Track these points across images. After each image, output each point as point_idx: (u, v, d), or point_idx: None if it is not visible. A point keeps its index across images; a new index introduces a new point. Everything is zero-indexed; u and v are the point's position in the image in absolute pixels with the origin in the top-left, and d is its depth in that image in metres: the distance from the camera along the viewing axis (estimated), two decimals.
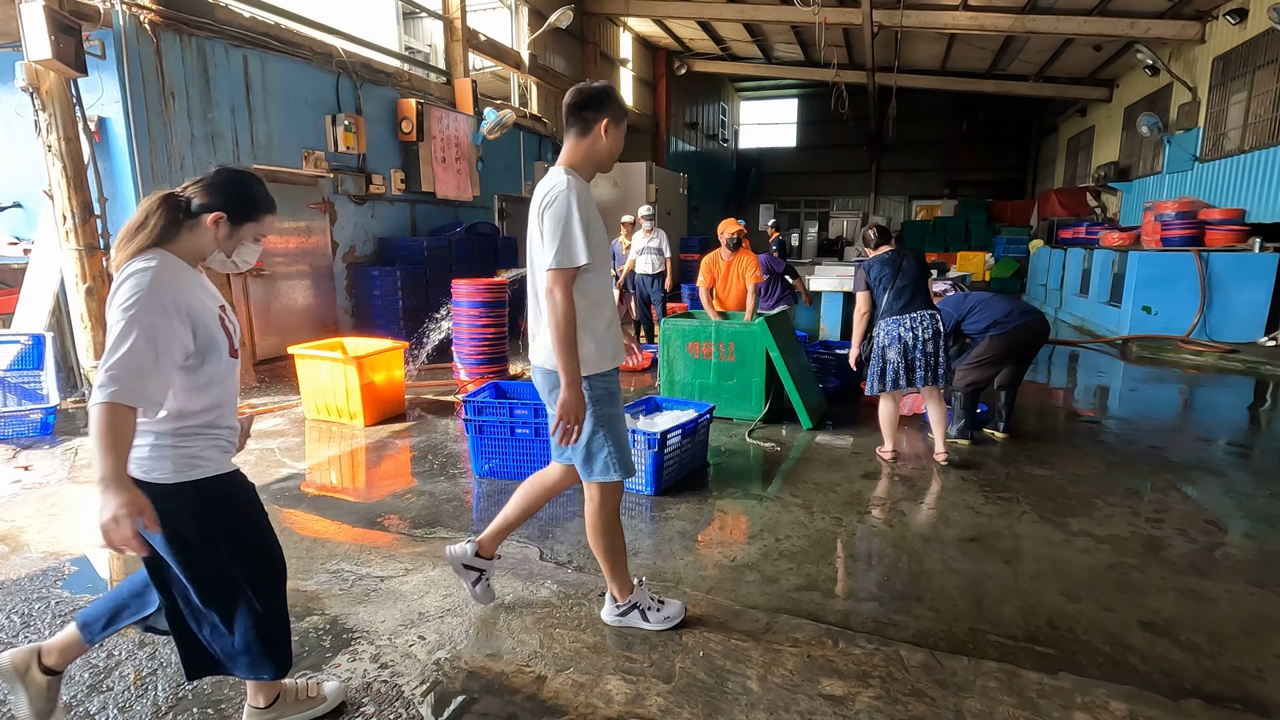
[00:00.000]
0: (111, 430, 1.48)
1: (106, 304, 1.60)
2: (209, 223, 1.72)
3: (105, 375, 1.50)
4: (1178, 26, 10.85)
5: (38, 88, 4.70)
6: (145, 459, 1.65)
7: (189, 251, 1.73)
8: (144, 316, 1.54)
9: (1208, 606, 2.71)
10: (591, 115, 2.23)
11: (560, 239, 2.11)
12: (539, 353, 2.32)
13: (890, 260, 4.23)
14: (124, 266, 1.61)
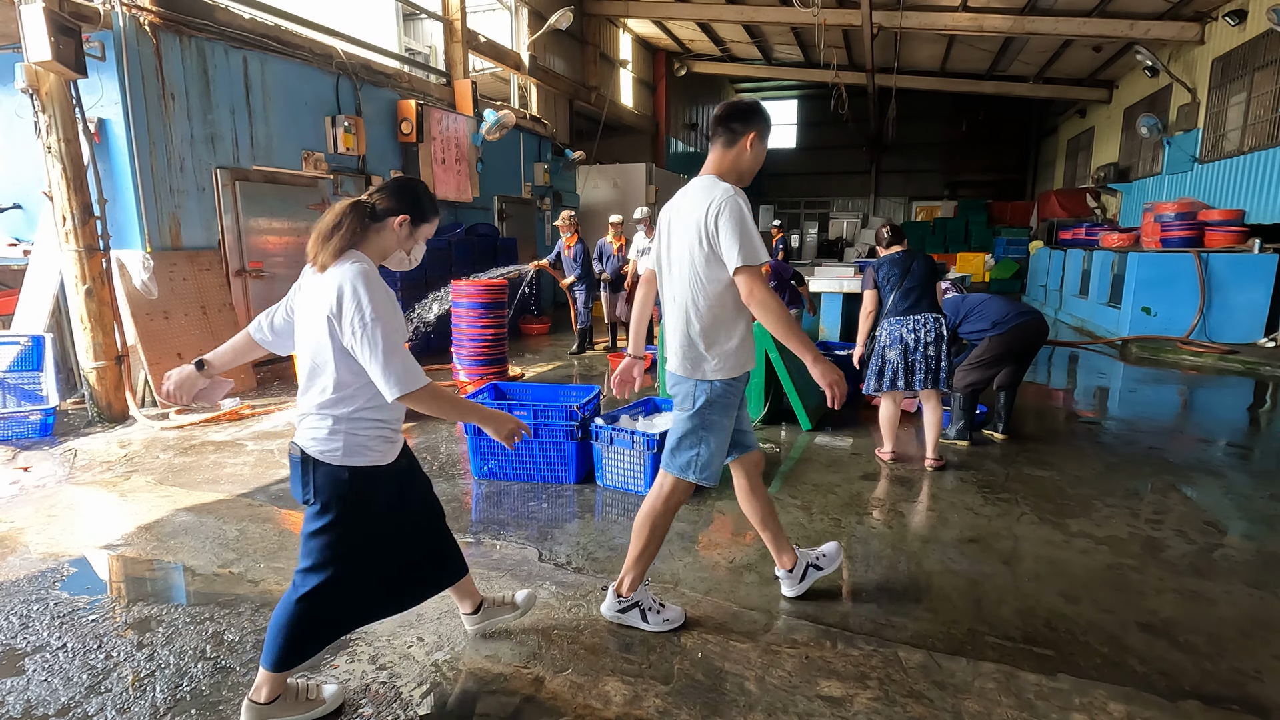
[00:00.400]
0: (442, 397, 1.87)
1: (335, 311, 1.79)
2: (395, 225, 1.94)
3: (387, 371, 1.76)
4: (1177, 28, 10.86)
5: (37, 89, 4.70)
6: (323, 438, 1.86)
7: (375, 251, 1.94)
8: (380, 311, 1.78)
9: (1206, 608, 2.71)
10: (739, 127, 2.32)
11: (741, 240, 2.17)
12: (676, 357, 2.36)
13: (900, 261, 4.22)
14: (335, 267, 1.82)
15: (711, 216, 2.20)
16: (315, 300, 1.85)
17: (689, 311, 2.29)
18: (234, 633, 2.49)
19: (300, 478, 1.88)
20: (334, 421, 1.84)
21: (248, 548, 3.18)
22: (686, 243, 2.28)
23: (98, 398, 5.15)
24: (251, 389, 6.12)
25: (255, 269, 6.63)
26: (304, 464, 1.86)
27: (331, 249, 1.83)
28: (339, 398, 1.84)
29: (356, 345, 1.77)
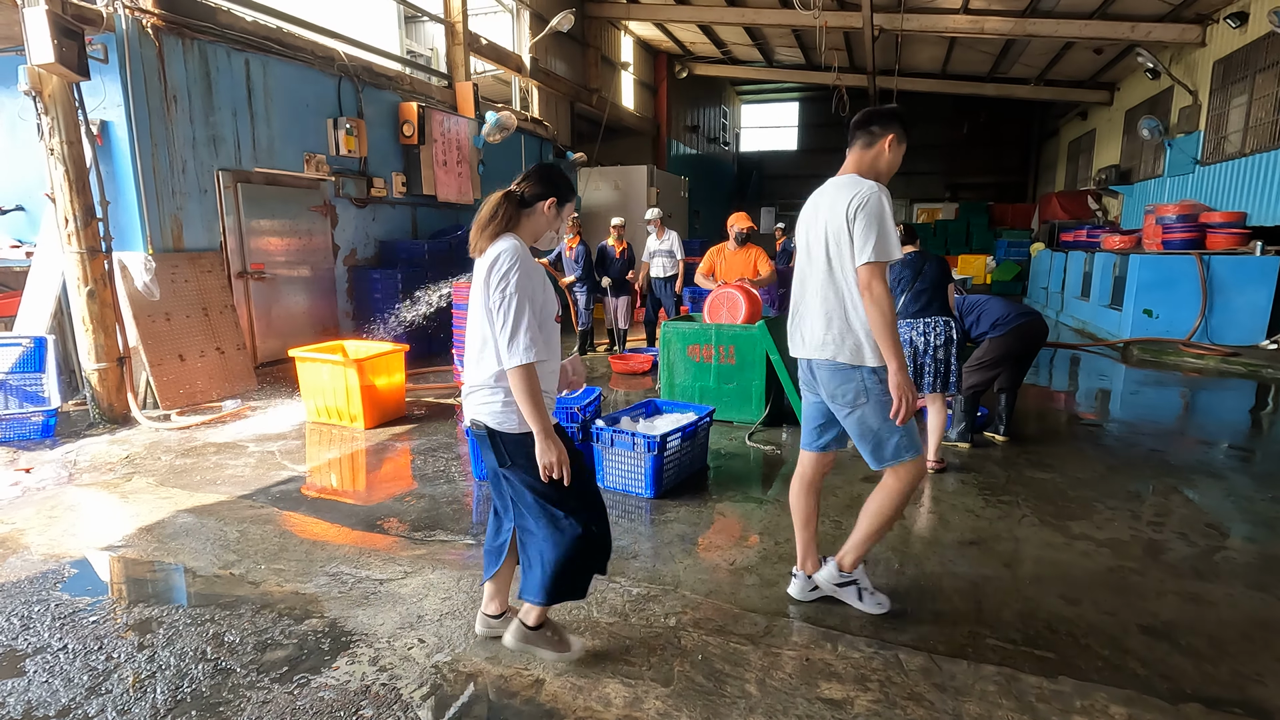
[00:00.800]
0: (531, 388, 1.97)
1: (484, 284, 2.01)
2: (544, 208, 2.14)
3: (512, 342, 1.95)
4: (1178, 30, 10.85)
5: (40, 91, 4.72)
6: (498, 412, 2.06)
7: (529, 234, 2.15)
8: (524, 283, 1.98)
9: (1208, 610, 2.70)
10: (879, 130, 2.44)
11: (877, 236, 2.28)
12: (828, 346, 2.43)
13: (912, 262, 4.19)
14: (490, 250, 2.04)
15: (853, 209, 2.32)
16: (476, 281, 2.08)
17: (845, 302, 2.39)
18: (234, 634, 2.49)
19: (493, 450, 2.11)
20: (505, 394, 2.05)
21: (248, 549, 3.18)
22: (834, 238, 2.38)
23: (99, 399, 5.16)
24: (253, 389, 6.13)
25: (257, 270, 6.64)
26: (491, 437, 2.09)
27: (489, 235, 2.06)
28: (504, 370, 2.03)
29: (494, 311, 1.99)
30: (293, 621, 2.57)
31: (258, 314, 6.71)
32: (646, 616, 2.61)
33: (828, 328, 2.43)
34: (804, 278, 2.54)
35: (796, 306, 2.57)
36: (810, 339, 2.50)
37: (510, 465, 2.11)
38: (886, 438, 2.42)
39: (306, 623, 2.57)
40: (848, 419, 2.48)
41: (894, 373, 2.32)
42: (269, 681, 2.23)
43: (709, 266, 5.99)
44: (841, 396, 2.45)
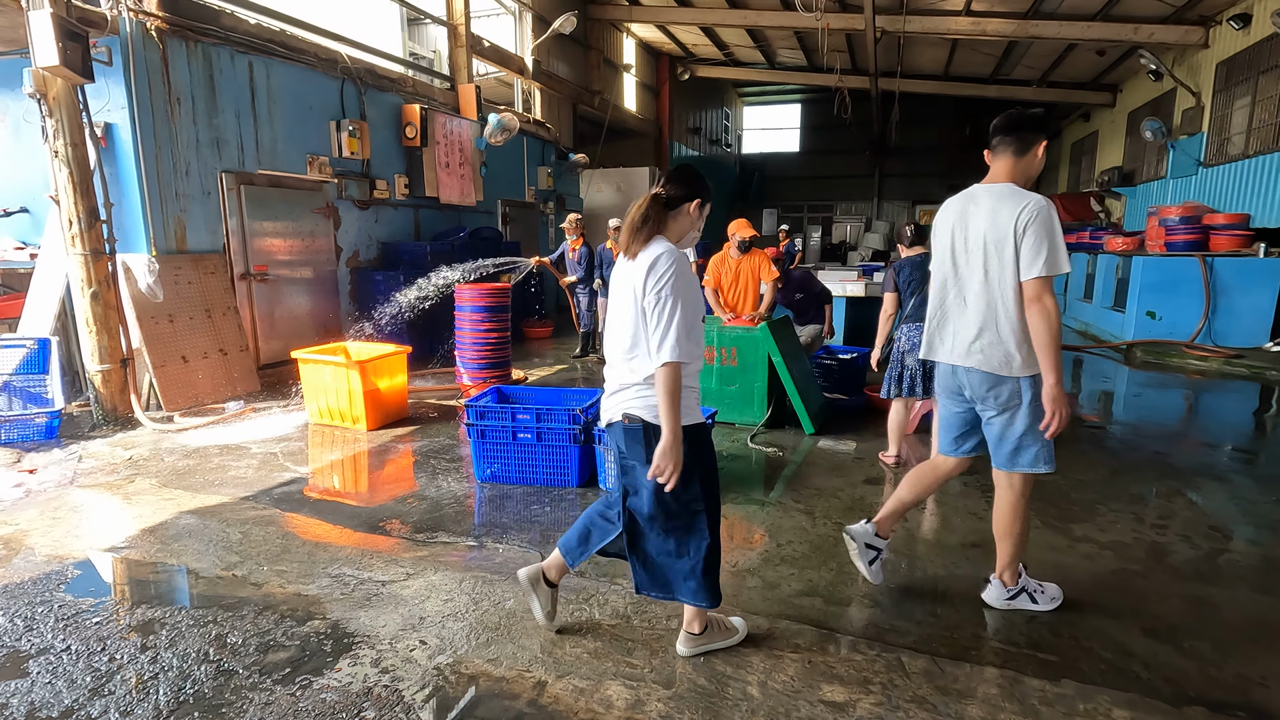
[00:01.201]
0: (673, 387, 2.05)
1: (641, 287, 2.09)
2: (691, 210, 2.22)
3: (663, 342, 2.04)
4: (1181, 31, 10.84)
5: (45, 94, 4.74)
6: (654, 407, 2.12)
7: (674, 235, 2.22)
8: (680, 286, 2.06)
9: (1212, 613, 2.70)
10: (1031, 136, 2.43)
11: (1049, 249, 2.30)
12: (974, 354, 2.47)
13: (922, 264, 4.15)
14: (644, 252, 2.12)
15: (1023, 223, 2.32)
16: (628, 282, 2.16)
17: (999, 313, 2.41)
18: (237, 635, 2.49)
19: (643, 443, 2.17)
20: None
21: (251, 550, 3.18)
22: (995, 247, 2.39)
23: (103, 400, 5.17)
24: (255, 391, 6.14)
25: (260, 272, 6.66)
26: (646, 431, 2.16)
27: (643, 238, 2.14)
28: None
29: (650, 311, 2.07)
30: (295, 623, 2.58)
31: (260, 315, 6.72)
32: (648, 618, 2.61)
33: (978, 336, 2.46)
34: (946, 284, 2.56)
35: (937, 312, 2.60)
36: (957, 346, 2.53)
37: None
38: (1027, 445, 2.47)
39: (309, 624, 2.57)
40: (993, 419, 2.52)
41: (1051, 386, 2.34)
42: (271, 683, 2.23)
43: (715, 279, 5.87)
44: (994, 399, 2.48)
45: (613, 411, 2.25)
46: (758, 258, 5.83)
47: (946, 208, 2.59)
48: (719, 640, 2.40)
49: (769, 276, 5.67)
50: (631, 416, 2.19)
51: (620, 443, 2.25)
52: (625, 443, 2.23)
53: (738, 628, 2.46)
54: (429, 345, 7.82)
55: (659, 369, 2.05)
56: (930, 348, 2.64)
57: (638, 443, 2.19)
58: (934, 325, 2.62)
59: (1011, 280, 2.37)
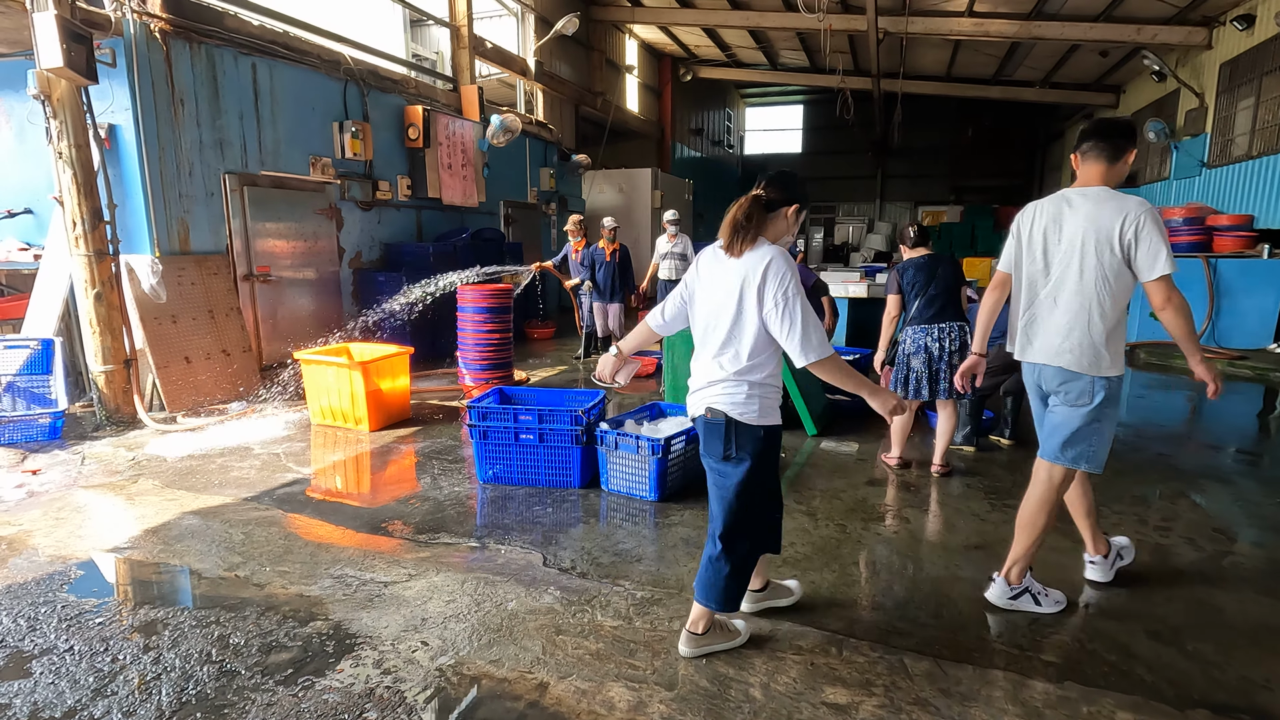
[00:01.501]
0: (843, 368, 2.17)
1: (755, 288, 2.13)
2: (788, 213, 2.27)
3: (806, 341, 2.10)
4: (1184, 32, 10.82)
5: (49, 95, 4.75)
6: (740, 403, 2.20)
7: (771, 236, 2.27)
8: (799, 284, 2.13)
9: (1215, 616, 2.69)
10: (1124, 144, 2.52)
11: (1166, 250, 2.36)
12: (1064, 354, 2.51)
13: (925, 266, 4.15)
14: (752, 251, 2.17)
15: (1130, 228, 2.37)
16: (728, 280, 2.19)
17: (1092, 313, 2.45)
18: (239, 636, 2.49)
19: (722, 438, 2.23)
20: (749, 387, 2.20)
21: (253, 551, 3.19)
22: (1093, 249, 2.43)
23: (106, 401, 5.19)
24: (258, 392, 6.15)
25: (263, 273, 6.67)
26: (727, 426, 2.21)
27: (748, 238, 2.17)
28: (753, 364, 2.19)
29: (775, 316, 2.11)
30: (297, 624, 2.58)
31: (263, 316, 6.73)
32: (651, 620, 2.61)
33: (1067, 335, 2.50)
34: (1035, 284, 2.60)
35: (1025, 312, 2.65)
36: (1045, 345, 2.58)
37: (734, 455, 2.23)
38: (1078, 442, 2.53)
39: (311, 625, 2.57)
40: (1056, 409, 2.59)
41: (1201, 363, 2.46)
42: (273, 684, 2.23)
43: None
44: (1065, 393, 2.54)
45: (697, 406, 2.32)
46: None
47: (1036, 210, 2.62)
48: (721, 642, 2.41)
49: None
50: (714, 411, 2.24)
51: (701, 436, 2.33)
52: (705, 436, 2.30)
53: (740, 630, 2.46)
54: (431, 346, 7.83)
55: (817, 366, 2.14)
56: (1022, 349, 2.68)
57: (717, 437, 2.25)
58: (1023, 326, 2.66)
59: (1111, 281, 2.42)
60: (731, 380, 2.21)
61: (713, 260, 2.28)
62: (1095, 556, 2.92)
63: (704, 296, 2.29)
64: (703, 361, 2.30)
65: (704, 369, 2.29)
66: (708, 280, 2.28)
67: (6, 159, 5.98)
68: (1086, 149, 2.53)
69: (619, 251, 7.76)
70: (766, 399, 2.23)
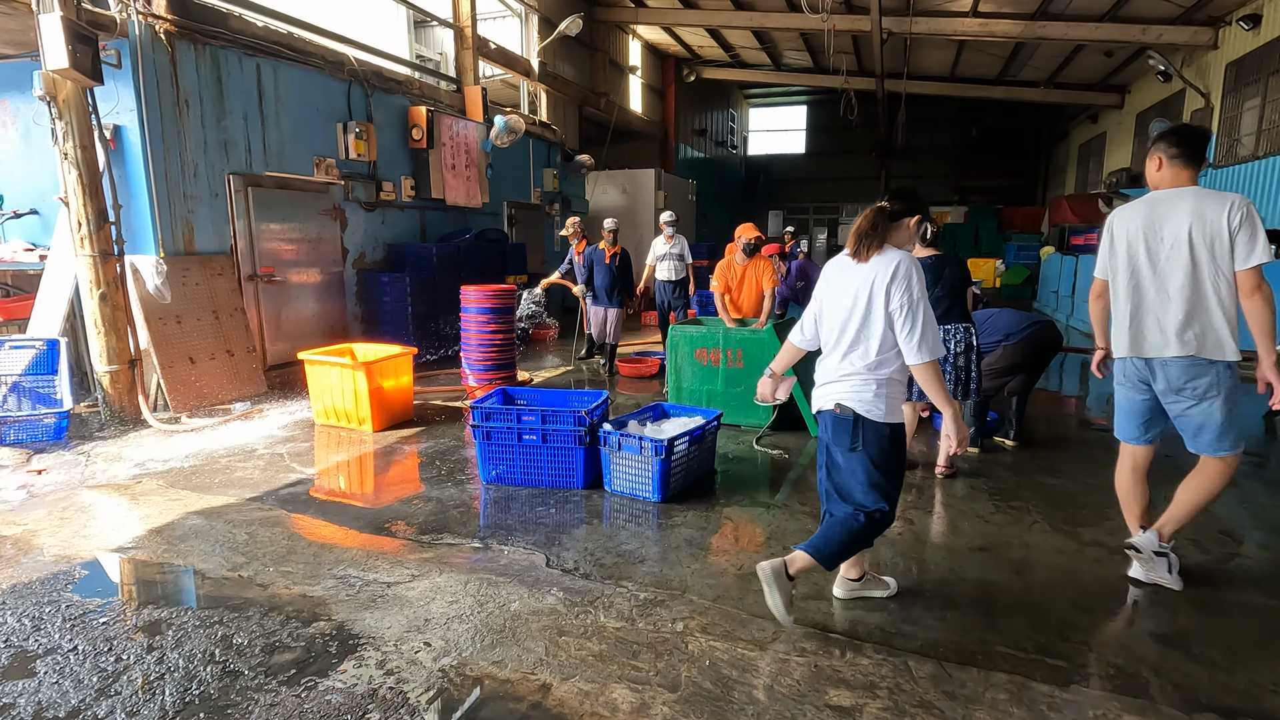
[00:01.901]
0: (939, 378, 2.35)
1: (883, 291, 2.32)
2: (911, 224, 2.45)
3: (921, 342, 2.29)
4: (1190, 32, 10.78)
5: (55, 96, 4.77)
6: (869, 400, 2.37)
7: (894, 244, 2.43)
8: (923, 290, 2.32)
9: (1222, 619, 2.67)
10: (1204, 148, 2.74)
11: (1261, 240, 2.53)
12: (1189, 343, 2.64)
13: (933, 267, 4.10)
14: (880, 256, 2.36)
15: (1235, 216, 2.55)
16: (856, 284, 2.39)
17: (1210, 301, 2.61)
18: (243, 636, 2.50)
19: (850, 433, 2.40)
20: (877, 385, 2.37)
21: (257, 551, 3.19)
22: (1202, 241, 2.60)
23: (111, 401, 5.20)
24: (262, 392, 6.16)
25: (267, 274, 6.68)
26: (855, 422, 2.38)
27: (875, 245, 2.37)
28: (880, 360, 2.36)
29: (899, 316, 2.30)
30: (300, 624, 2.58)
31: (267, 317, 6.75)
32: (654, 621, 2.60)
33: (1187, 325, 2.63)
34: (1140, 283, 2.73)
35: (1134, 311, 2.76)
36: (1157, 339, 2.69)
37: (860, 448, 2.40)
38: (1227, 430, 2.66)
39: (314, 625, 2.57)
40: (1191, 410, 2.69)
41: (1273, 366, 2.58)
42: (277, 684, 2.23)
43: (723, 284, 6.03)
44: (1192, 390, 2.66)
45: (823, 400, 2.49)
46: (761, 263, 5.90)
47: (1129, 213, 2.78)
48: (874, 589, 2.69)
49: (769, 283, 5.78)
50: (843, 407, 2.41)
51: (828, 428, 2.49)
52: (833, 429, 2.46)
53: (890, 585, 2.72)
54: (435, 346, 7.84)
55: (920, 367, 2.32)
56: (1134, 346, 2.77)
57: (845, 432, 2.41)
58: (1132, 323, 2.77)
59: (1225, 271, 2.57)
60: (860, 376, 2.38)
61: (840, 268, 2.49)
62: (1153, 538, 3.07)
63: (834, 302, 2.48)
64: (832, 361, 2.49)
65: (834, 366, 2.48)
66: (837, 287, 2.47)
67: (12, 160, 6.01)
68: (1174, 155, 2.70)
69: (619, 255, 7.49)
70: (893, 398, 2.41)
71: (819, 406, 2.53)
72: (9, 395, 5.06)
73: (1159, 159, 2.72)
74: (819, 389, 2.53)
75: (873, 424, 2.38)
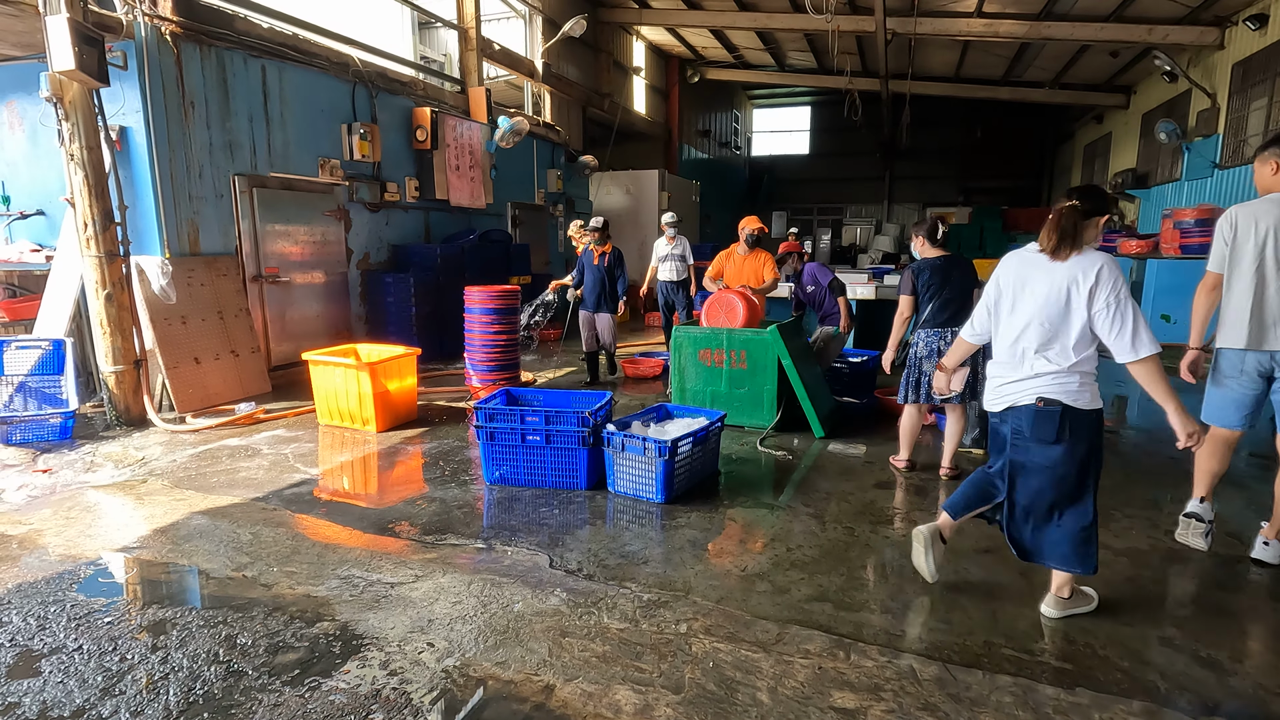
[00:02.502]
0: (1162, 373, 2.38)
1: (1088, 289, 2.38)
2: (1099, 222, 2.49)
3: (1137, 338, 2.34)
4: (1196, 32, 10.73)
5: (61, 98, 4.79)
6: (1074, 391, 2.44)
7: (1085, 242, 2.47)
8: (1128, 291, 2.38)
9: (1230, 622, 2.66)
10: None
11: None
12: None
13: (941, 268, 4.12)
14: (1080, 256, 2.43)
15: None
16: (1053, 282, 2.45)
17: None
18: (247, 636, 2.50)
19: (1057, 424, 2.45)
20: (1080, 377, 2.44)
21: (261, 551, 3.20)
22: None
23: (116, 401, 5.22)
24: (266, 392, 6.18)
25: (271, 274, 6.70)
26: (1062, 414, 2.44)
27: (1074, 244, 2.44)
28: (1082, 358, 2.43)
29: (1107, 314, 2.36)
30: (304, 624, 2.58)
31: (272, 317, 6.76)
32: (657, 623, 2.60)
33: None
34: (1264, 280, 2.92)
35: (1258, 305, 2.93)
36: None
37: (1067, 439, 2.44)
38: None
39: (318, 625, 2.57)
40: None
41: None
42: (280, 684, 2.24)
43: (717, 270, 6.01)
44: None
45: (1016, 396, 2.53)
46: (762, 257, 5.87)
47: (1255, 210, 2.96)
48: (1082, 605, 2.66)
49: (769, 274, 5.75)
50: (1048, 400, 2.46)
51: (1026, 423, 2.51)
52: (1035, 423, 2.49)
53: (1093, 596, 2.72)
54: (439, 347, 7.85)
55: (1144, 362, 2.35)
56: (1257, 339, 2.95)
57: (1051, 423, 2.46)
58: (1254, 317, 2.94)
59: None
60: (1064, 372, 2.45)
61: (1026, 265, 2.54)
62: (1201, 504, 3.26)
63: (1025, 298, 2.53)
64: (1018, 356, 2.54)
65: (1025, 363, 2.51)
66: (1028, 283, 2.52)
67: (19, 161, 6.04)
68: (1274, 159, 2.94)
69: (609, 255, 6.77)
70: (1093, 387, 2.49)
71: (1007, 404, 2.56)
72: (15, 395, 5.08)
73: (1275, 163, 2.95)
74: (1002, 385, 2.58)
75: (1082, 412, 2.46)
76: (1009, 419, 2.57)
